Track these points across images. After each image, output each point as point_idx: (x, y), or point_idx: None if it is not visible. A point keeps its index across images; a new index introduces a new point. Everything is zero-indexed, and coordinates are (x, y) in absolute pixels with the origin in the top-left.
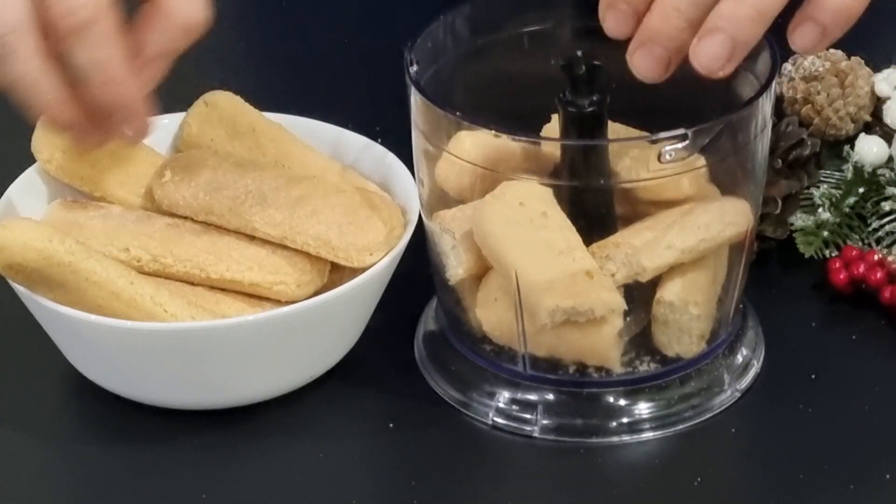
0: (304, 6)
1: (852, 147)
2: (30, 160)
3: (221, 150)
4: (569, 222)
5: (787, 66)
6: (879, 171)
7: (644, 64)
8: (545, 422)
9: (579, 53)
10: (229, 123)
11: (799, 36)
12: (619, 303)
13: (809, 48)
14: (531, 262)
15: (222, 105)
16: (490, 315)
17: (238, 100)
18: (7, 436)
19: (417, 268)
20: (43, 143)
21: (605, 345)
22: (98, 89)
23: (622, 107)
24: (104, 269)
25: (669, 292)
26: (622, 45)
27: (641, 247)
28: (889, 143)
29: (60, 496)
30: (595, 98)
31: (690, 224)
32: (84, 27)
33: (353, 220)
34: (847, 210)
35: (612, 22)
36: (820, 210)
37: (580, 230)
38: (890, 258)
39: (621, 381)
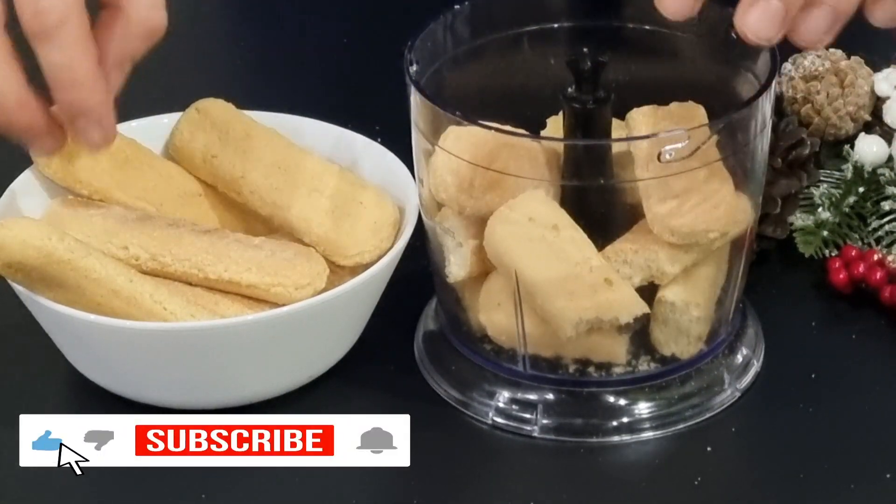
0: (305, 6)
1: (852, 147)
2: (30, 160)
3: (215, 155)
4: (580, 231)
5: (787, 66)
6: (879, 171)
7: (760, 21)
8: (545, 421)
9: (585, 50)
10: (222, 130)
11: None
12: (642, 307)
13: (822, 31)
14: (550, 276)
15: (214, 112)
16: (494, 319)
17: (230, 106)
18: (7, 435)
19: (417, 268)
20: None
21: (609, 340)
22: (65, 92)
23: (623, 107)
24: (103, 266)
25: (671, 292)
26: (622, 45)
27: (662, 251)
28: (889, 142)
29: (61, 496)
30: (600, 94)
31: None
32: (54, 28)
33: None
34: (847, 210)
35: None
36: (820, 210)
37: (583, 229)
38: (890, 258)
39: (621, 381)
